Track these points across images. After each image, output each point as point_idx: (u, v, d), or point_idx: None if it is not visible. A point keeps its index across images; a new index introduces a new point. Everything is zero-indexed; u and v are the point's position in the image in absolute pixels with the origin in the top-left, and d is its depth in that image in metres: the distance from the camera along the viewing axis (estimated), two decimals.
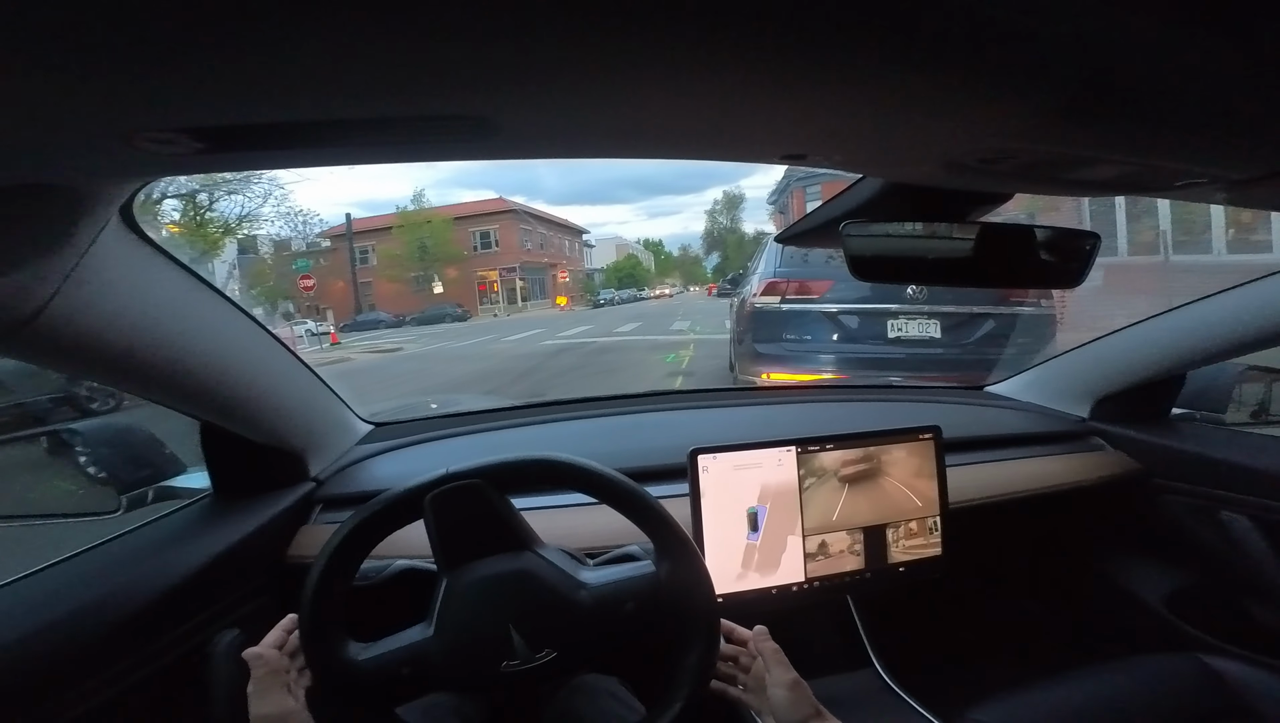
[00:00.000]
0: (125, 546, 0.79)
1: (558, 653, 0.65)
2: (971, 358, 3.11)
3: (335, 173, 33.58)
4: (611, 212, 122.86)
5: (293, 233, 19.88)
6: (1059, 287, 0.71)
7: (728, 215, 56.37)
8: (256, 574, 0.88)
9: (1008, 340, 3.14)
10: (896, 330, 3.17)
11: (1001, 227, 0.64)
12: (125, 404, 6.51)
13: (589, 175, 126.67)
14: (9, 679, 0.58)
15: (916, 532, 1.01)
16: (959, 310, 3.15)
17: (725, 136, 0.45)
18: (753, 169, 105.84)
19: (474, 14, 0.25)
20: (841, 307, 3.23)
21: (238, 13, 0.24)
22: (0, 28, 0.24)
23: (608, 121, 0.40)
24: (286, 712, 0.62)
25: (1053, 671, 0.94)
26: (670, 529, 0.68)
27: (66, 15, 0.23)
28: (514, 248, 32.61)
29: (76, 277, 0.53)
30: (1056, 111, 0.37)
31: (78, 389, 6.60)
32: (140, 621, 0.70)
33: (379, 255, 30.20)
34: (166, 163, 0.41)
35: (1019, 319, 3.17)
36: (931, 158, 0.48)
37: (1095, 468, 1.19)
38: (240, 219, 16.78)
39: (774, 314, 3.35)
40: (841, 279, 3.19)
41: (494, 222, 32.82)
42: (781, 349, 3.32)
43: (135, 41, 0.25)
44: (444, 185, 78.63)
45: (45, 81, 0.29)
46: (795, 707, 0.67)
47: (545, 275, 36.37)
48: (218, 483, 0.92)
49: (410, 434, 1.20)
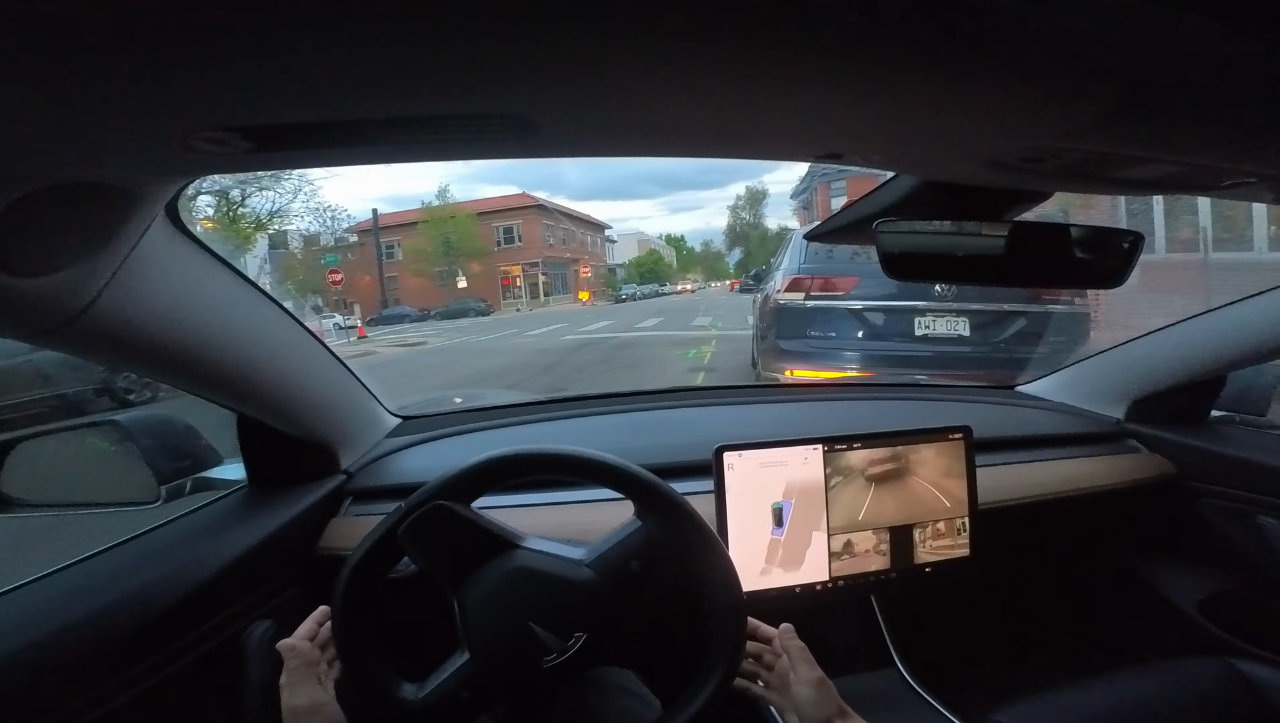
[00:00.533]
0: (166, 536, 0.81)
1: (588, 633, 0.65)
2: (1002, 356, 3.03)
3: (362, 169, 33.84)
4: (633, 207, 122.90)
5: (321, 228, 20.27)
6: (1097, 287, 0.67)
7: (750, 211, 55.99)
8: (289, 566, 0.89)
9: (1040, 339, 3.06)
10: (924, 328, 3.11)
11: (1036, 225, 0.63)
12: (161, 396, 6.74)
13: (611, 171, 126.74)
14: (56, 669, 0.60)
15: (944, 532, 0.99)
16: (988, 308, 3.07)
17: (762, 136, 0.45)
18: (776, 165, 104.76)
19: (516, 13, 0.25)
20: (867, 304, 3.17)
21: (293, 14, 0.24)
22: (64, 32, 0.25)
23: (645, 120, 0.40)
24: (318, 704, 0.63)
25: (1078, 673, 0.92)
26: (642, 482, 0.68)
27: (126, 18, 0.24)
28: (536, 243, 32.84)
29: (124, 272, 0.54)
30: (1106, 112, 0.36)
31: (117, 381, 6.84)
32: (180, 611, 0.72)
33: (404, 250, 30.71)
34: (217, 162, 0.42)
35: (1052, 317, 3.09)
36: (974, 157, 0.48)
37: (1129, 470, 1.17)
38: (271, 215, 17.18)
39: (798, 310, 3.31)
40: (867, 276, 3.13)
41: (517, 217, 33.11)
42: (805, 346, 3.28)
43: (192, 43, 0.26)
44: (468, 181, 79.44)
45: (106, 83, 0.29)
46: (820, 705, 0.67)
47: (567, 270, 36.56)
48: (253, 475, 0.94)
49: (437, 428, 1.21)
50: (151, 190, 0.50)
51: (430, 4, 0.24)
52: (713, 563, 0.68)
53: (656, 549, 0.68)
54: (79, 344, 0.58)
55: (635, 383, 6.48)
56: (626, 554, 0.68)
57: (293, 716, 0.62)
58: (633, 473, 0.68)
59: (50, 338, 0.54)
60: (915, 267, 0.65)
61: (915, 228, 0.63)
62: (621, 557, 0.68)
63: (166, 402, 6.51)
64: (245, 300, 0.74)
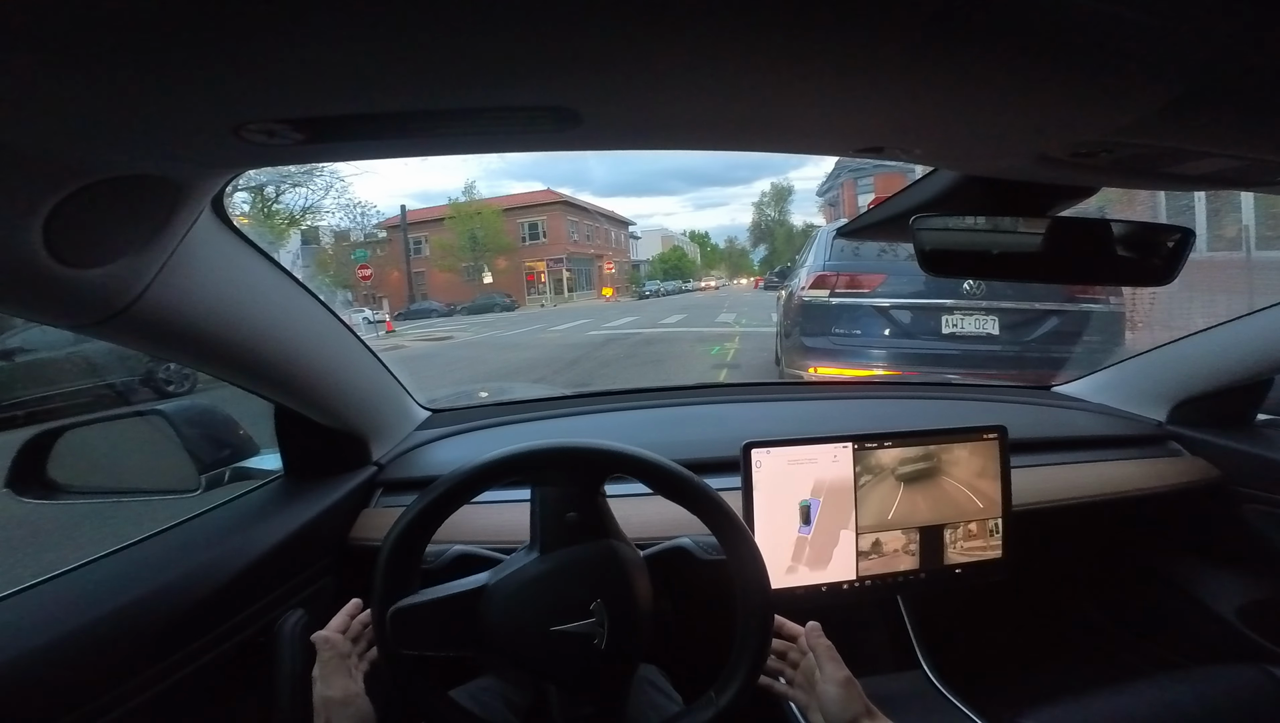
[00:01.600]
0: (205, 525, 0.83)
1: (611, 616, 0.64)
2: (1033, 356, 2.97)
3: (392, 165, 34.17)
4: (658, 203, 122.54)
5: (351, 224, 20.63)
6: (1143, 284, 0.68)
7: (776, 207, 55.40)
8: (322, 556, 0.90)
9: (1074, 339, 2.98)
10: (951, 326, 3.05)
11: (1077, 221, 0.62)
12: (199, 387, 6.95)
13: (636, 167, 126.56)
14: (98, 655, 0.61)
15: (976, 533, 0.98)
16: (1019, 307, 3.01)
17: (803, 129, 0.44)
18: (802, 161, 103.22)
19: (562, 6, 0.25)
20: (894, 302, 3.13)
21: (344, 8, 0.25)
22: (122, 28, 0.25)
23: (686, 113, 0.40)
24: (350, 695, 0.64)
25: (1110, 678, 0.91)
26: (676, 477, 0.68)
27: (182, 14, 0.25)
28: (561, 239, 33.01)
29: (172, 265, 0.55)
30: (1165, 106, 0.35)
31: (158, 372, 7.07)
32: (217, 600, 0.73)
33: (432, 246, 31.10)
34: (266, 154, 0.43)
35: (1085, 317, 3.01)
36: (1022, 151, 0.47)
37: (1171, 474, 1.14)
38: (304, 211, 17.54)
39: (823, 308, 3.28)
40: (894, 273, 3.10)
41: (542, 213, 33.29)
42: (830, 343, 3.25)
43: (245, 37, 0.27)
44: (495, 176, 79.93)
45: (163, 77, 0.30)
46: (846, 705, 0.66)
47: (591, 266, 36.66)
48: (289, 465, 0.95)
49: (466, 421, 1.22)
50: (200, 184, 0.51)
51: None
52: (744, 561, 0.67)
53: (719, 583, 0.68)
54: (128, 334, 0.59)
55: (660, 379, 6.49)
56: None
57: (325, 706, 0.63)
58: (668, 468, 0.68)
59: (101, 328, 0.55)
60: (952, 263, 0.64)
61: (953, 224, 0.62)
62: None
63: (204, 394, 6.73)
64: (286, 293, 0.75)
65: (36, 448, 0.79)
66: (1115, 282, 0.68)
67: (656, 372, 6.97)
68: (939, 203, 0.64)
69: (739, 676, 0.66)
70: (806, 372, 3.31)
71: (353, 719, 0.62)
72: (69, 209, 0.43)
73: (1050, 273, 0.64)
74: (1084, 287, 2.95)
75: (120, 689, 0.62)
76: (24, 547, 2.58)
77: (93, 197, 0.43)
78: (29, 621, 0.59)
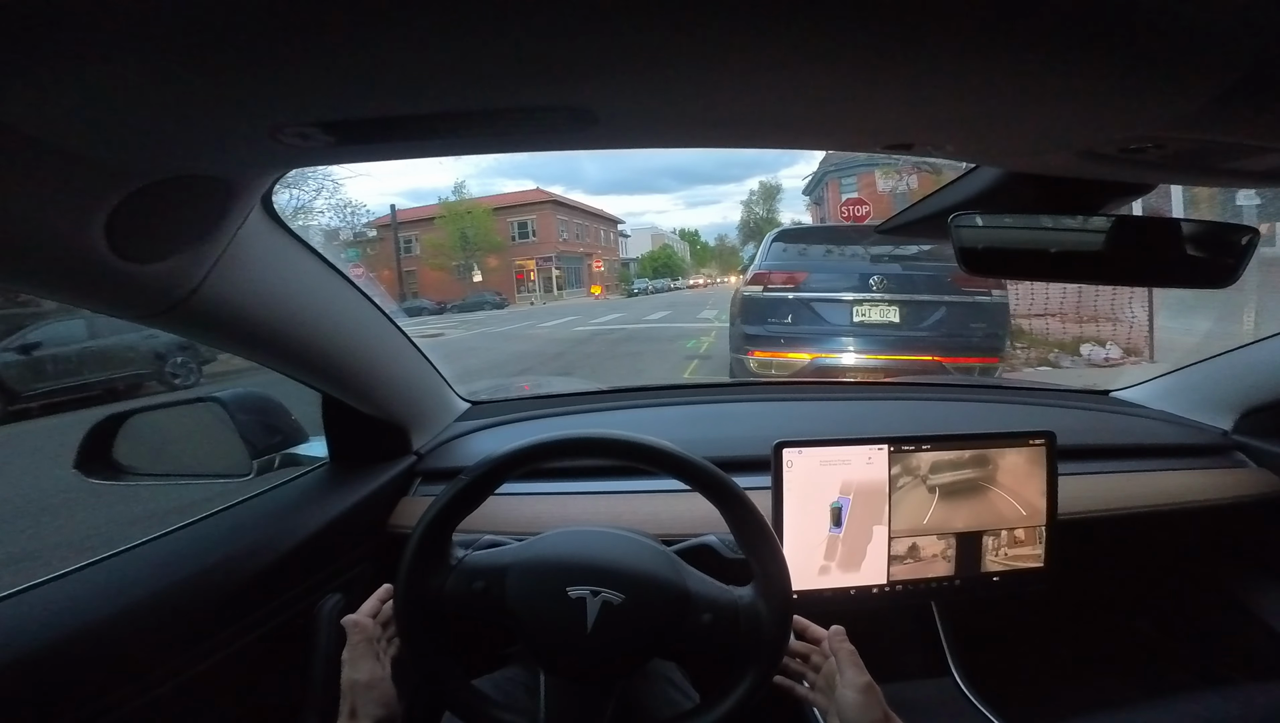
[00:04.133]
0: (254, 508, 0.85)
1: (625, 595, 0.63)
2: (926, 338, 3.63)
3: (384, 164, 33.42)
4: (650, 201, 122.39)
5: (341, 223, 20.92)
6: (1207, 286, 0.63)
7: (764, 206, 55.78)
8: (362, 542, 0.92)
9: (960, 325, 3.63)
10: (861, 315, 3.69)
11: (1143, 220, 0.60)
12: (202, 381, 7.18)
13: (629, 165, 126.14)
14: (149, 633, 0.63)
15: (1018, 541, 0.94)
16: (914, 299, 3.65)
17: (825, 126, 0.44)
18: (794, 159, 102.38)
19: (583, 7, 0.26)
20: (813, 295, 3.75)
21: (369, 15, 0.26)
22: (166, 42, 0.28)
23: (705, 111, 0.39)
24: (376, 678, 0.65)
25: (1151, 692, 0.88)
26: (703, 473, 0.66)
27: (216, 26, 0.26)
28: (551, 238, 33.10)
29: (225, 260, 0.57)
30: (1217, 98, 0.34)
31: (165, 367, 7.46)
32: (262, 582, 0.75)
33: (423, 245, 31.03)
34: (303, 155, 0.44)
35: (971, 306, 3.65)
36: (1065, 147, 0.46)
37: (1236, 485, 1.09)
38: (295, 211, 17.84)
39: (760, 300, 3.89)
40: (815, 271, 3.79)
41: (532, 212, 33.35)
42: (765, 330, 3.85)
43: (276, 47, 0.29)
44: (485, 175, 79.68)
45: (205, 85, 0.32)
46: (865, 711, 0.65)
47: (581, 264, 36.78)
48: (334, 452, 0.97)
49: (505, 413, 1.24)
50: (248, 183, 0.53)
51: (501, 2, 0.25)
52: (763, 558, 0.66)
53: (738, 616, 0.66)
54: (185, 325, 0.61)
55: (637, 368, 6.90)
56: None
57: (351, 689, 0.64)
58: (695, 464, 0.67)
59: (160, 319, 0.57)
60: (998, 263, 0.63)
61: (997, 222, 0.61)
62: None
63: (205, 386, 7.10)
64: (333, 287, 0.77)
65: (104, 432, 0.82)
66: (1177, 283, 0.64)
67: (635, 362, 7.32)
68: (979, 201, 0.62)
69: (750, 676, 0.65)
70: (747, 355, 3.90)
71: (377, 703, 0.63)
72: (128, 209, 0.45)
73: (1110, 274, 0.62)
74: (969, 280, 3.57)
75: (167, 666, 0.64)
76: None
77: (150, 197, 0.45)
78: (83, 600, 0.62)
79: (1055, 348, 6.45)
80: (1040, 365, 6.10)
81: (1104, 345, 6.16)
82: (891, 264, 3.80)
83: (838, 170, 20.20)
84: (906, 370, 3.60)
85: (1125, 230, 0.58)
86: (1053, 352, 6.38)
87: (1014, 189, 0.60)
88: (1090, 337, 6.45)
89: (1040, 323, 6.95)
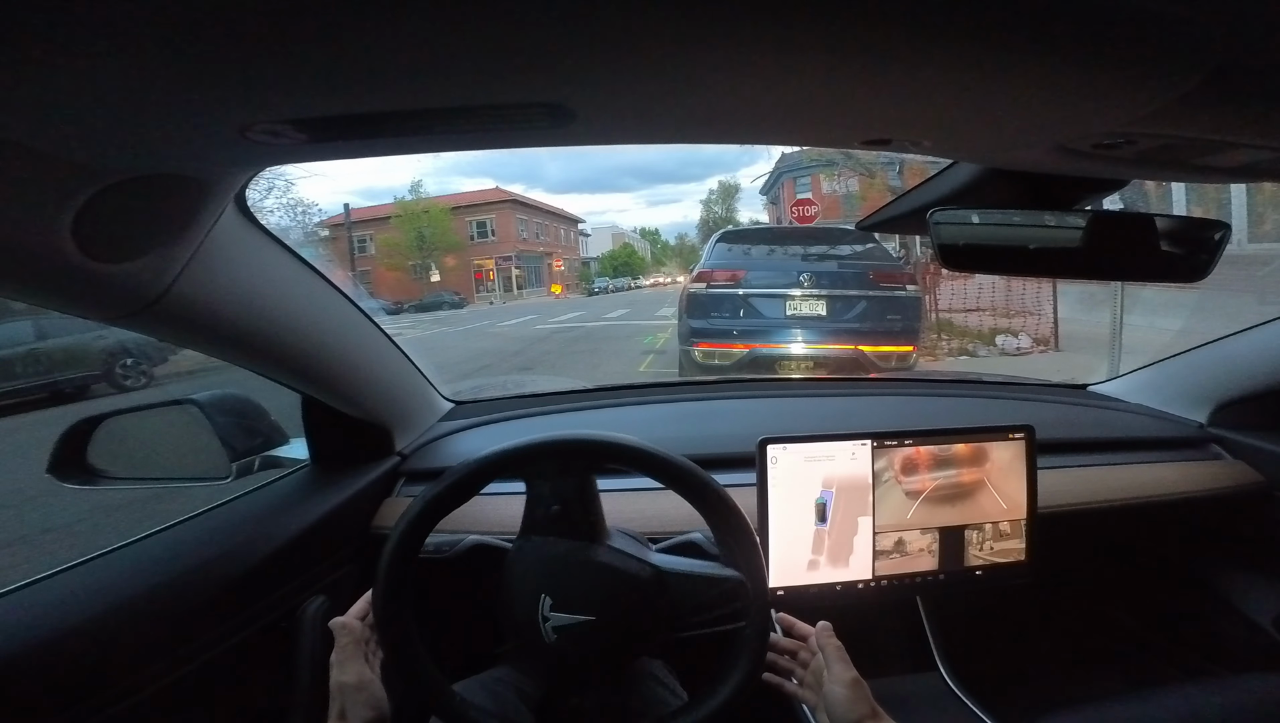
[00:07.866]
0: (236, 510, 0.83)
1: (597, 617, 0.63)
2: (850, 328, 4.07)
3: (337, 164, 32.54)
4: (612, 200, 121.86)
5: (292, 223, 20.48)
6: (1180, 280, 0.64)
7: (723, 205, 56.62)
8: (346, 544, 0.91)
9: (879, 316, 4.08)
10: (793, 309, 4.11)
11: (1119, 216, 0.62)
12: (154, 383, 7.03)
13: (590, 163, 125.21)
14: (130, 635, 0.62)
15: (999, 535, 0.95)
16: (838, 293, 4.09)
17: (803, 122, 0.44)
18: (753, 158, 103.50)
19: (557, 2, 0.26)
20: (749, 291, 4.16)
21: (336, 11, 0.26)
22: (131, 38, 0.27)
23: (683, 108, 0.40)
24: (364, 681, 0.64)
25: (1135, 685, 0.89)
26: (680, 470, 0.66)
27: (182, 22, 0.26)
28: (511, 237, 32.76)
29: (198, 259, 0.56)
30: (1188, 94, 0.34)
31: (115, 368, 7.29)
32: (244, 584, 0.74)
33: (378, 244, 30.38)
34: (275, 153, 0.44)
35: (889, 300, 4.11)
36: (1039, 143, 0.46)
37: (1211, 478, 1.11)
38: None
39: (703, 296, 4.26)
40: (752, 269, 4.22)
41: (491, 211, 32.94)
42: (708, 324, 4.23)
43: (244, 43, 0.28)
44: (443, 173, 77.69)
45: (170, 82, 0.31)
46: (852, 706, 0.65)
47: (541, 264, 36.50)
48: (315, 454, 0.96)
49: (488, 413, 1.23)
50: (220, 182, 0.51)
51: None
52: (739, 552, 0.67)
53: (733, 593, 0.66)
54: (158, 326, 0.60)
55: (597, 363, 7.06)
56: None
57: (339, 691, 0.63)
58: (669, 460, 0.67)
59: (131, 320, 0.56)
60: (977, 258, 0.63)
61: (976, 218, 0.61)
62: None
63: (159, 388, 6.72)
64: (311, 287, 0.76)
65: (77, 436, 0.79)
66: (1152, 278, 0.65)
67: (592, 358, 7.53)
68: (958, 197, 0.63)
69: (735, 674, 0.65)
70: (693, 346, 4.28)
71: (366, 705, 0.63)
72: (96, 208, 0.44)
73: (1087, 269, 0.63)
74: (887, 276, 4.05)
75: (150, 669, 0.63)
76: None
77: (118, 195, 0.44)
78: (65, 603, 0.60)
79: (975, 339, 6.99)
80: (960, 355, 6.61)
81: (1017, 336, 6.79)
82: (823, 262, 4.25)
83: (792, 171, 20.78)
84: (834, 360, 4.03)
85: (1101, 226, 0.59)
86: (971, 342, 6.91)
87: (992, 185, 0.61)
88: (1004, 329, 6.99)
89: (975, 318, 7.46)
